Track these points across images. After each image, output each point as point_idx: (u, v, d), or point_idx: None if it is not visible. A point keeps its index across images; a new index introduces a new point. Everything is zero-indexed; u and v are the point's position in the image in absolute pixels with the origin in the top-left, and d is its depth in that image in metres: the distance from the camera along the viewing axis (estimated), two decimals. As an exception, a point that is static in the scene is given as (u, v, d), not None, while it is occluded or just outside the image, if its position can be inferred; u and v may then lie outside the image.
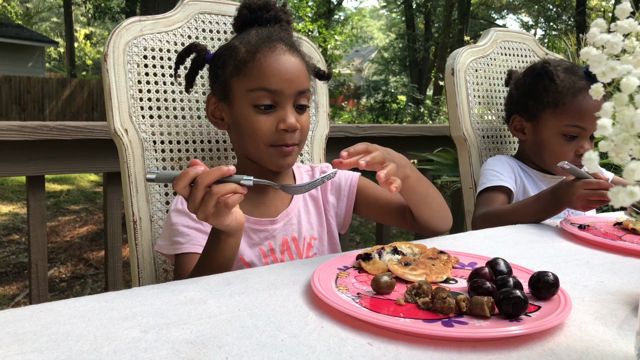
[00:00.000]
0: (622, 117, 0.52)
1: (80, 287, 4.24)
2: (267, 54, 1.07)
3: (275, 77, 1.06)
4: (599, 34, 0.58)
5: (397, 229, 5.60)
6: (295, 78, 1.08)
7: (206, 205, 0.82)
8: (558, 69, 1.54)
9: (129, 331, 0.62)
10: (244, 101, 1.08)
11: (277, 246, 1.14)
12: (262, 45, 1.08)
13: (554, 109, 1.51)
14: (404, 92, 16.11)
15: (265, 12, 1.16)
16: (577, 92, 1.48)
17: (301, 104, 1.10)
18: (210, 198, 0.82)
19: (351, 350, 0.59)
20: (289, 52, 1.10)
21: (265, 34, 1.11)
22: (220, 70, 1.12)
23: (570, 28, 16.58)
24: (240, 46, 1.10)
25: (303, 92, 1.10)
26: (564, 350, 0.60)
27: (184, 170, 0.82)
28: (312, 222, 1.20)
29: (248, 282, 0.79)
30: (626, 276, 0.89)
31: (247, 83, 1.07)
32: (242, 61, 1.08)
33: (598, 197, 1.19)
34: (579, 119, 1.47)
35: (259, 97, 1.06)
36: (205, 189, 0.82)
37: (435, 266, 0.85)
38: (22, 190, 7.43)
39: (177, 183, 0.82)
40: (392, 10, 25.32)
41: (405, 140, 2.66)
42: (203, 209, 0.82)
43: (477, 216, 1.45)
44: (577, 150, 1.49)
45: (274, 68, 1.07)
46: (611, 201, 0.50)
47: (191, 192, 0.82)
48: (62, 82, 14.62)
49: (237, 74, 1.09)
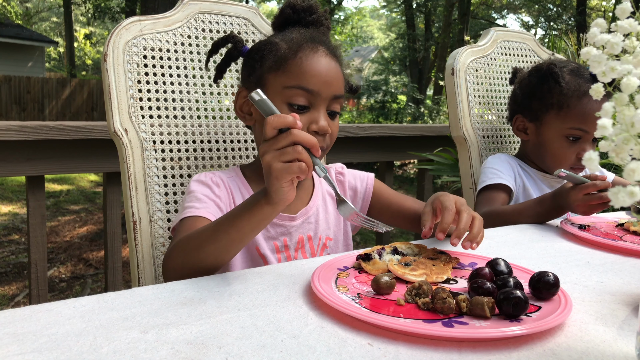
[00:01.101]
0: (622, 117, 0.52)
1: (80, 288, 4.24)
2: (309, 54, 1.07)
3: (314, 78, 1.06)
4: (599, 34, 0.58)
5: (397, 229, 5.60)
6: (334, 82, 1.08)
7: (284, 155, 0.77)
8: (564, 71, 1.53)
9: (128, 331, 0.61)
10: (278, 98, 1.07)
11: (292, 243, 1.13)
12: (305, 45, 1.08)
13: (558, 110, 1.51)
14: (404, 92, 16.10)
15: (309, 15, 1.16)
16: (582, 95, 1.47)
17: (333, 110, 1.10)
18: (292, 152, 0.77)
19: (351, 350, 0.59)
20: (330, 56, 1.10)
21: (308, 34, 1.11)
22: (257, 64, 1.11)
23: (570, 28, 16.57)
24: (281, 43, 1.09)
25: (338, 97, 1.09)
26: (564, 350, 0.60)
27: (286, 115, 0.79)
28: (329, 222, 1.20)
29: (248, 282, 0.79)
30: (626, 276, 0.89)
31: (285, 80, 1.06)
32: (283, 57, 1.07)
33: (598, 200, 1.19)
34: (583, 122, 1.47)
35: (295, 95, 1.05)
36: (293, 142, 0.78)
37: (436, 266, 0.85)
38: (21, 190, 7.43)
39: (273, 119, 0.78)
40: (392, 10, 25.31)
41: (405, 140, 2.66)
42: (279, 156, 0.78)
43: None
44: (579, 153, 1.48)
45: (314, 68, 1.06)
46: (611, 201, 0.50)
47: (277, 137, 0.78)
48: (61, 82, 14.62)
49: (275, 69, 1.08)
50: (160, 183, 1.21)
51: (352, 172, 1.28)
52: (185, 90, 1.28)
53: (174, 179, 1.23)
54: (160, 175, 1.21)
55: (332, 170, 1.27)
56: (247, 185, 1.15)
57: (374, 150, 2.53)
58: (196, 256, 0.86)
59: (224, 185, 1.12)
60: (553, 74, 1.53)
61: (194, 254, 0.86)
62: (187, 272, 0.85)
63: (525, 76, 1.63)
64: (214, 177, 1.11)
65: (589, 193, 1.20)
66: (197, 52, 1.31)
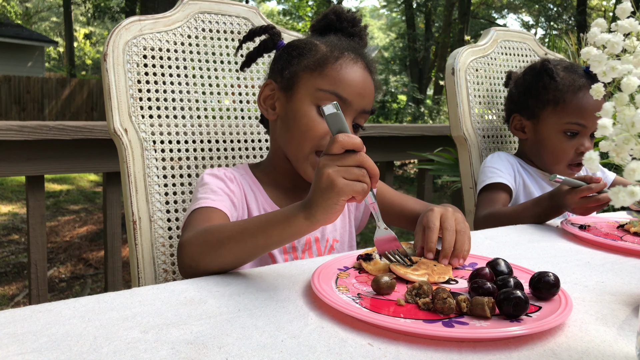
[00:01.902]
0: (622, 117, 0.52)
1: (80, 288, 4.24)
2: (349, 63, 1.07)
3: (351, 87, 1.05)
4: (600, 34, 0.58)
5: (397, 229, 5.60)
6: (367, 96, 1.08)
7: (349, 173, 0.75)
8: (558, 67, 1.54)
9: (128, 332, 0.61)
10: (308, 98, 1.06)
11: (300, 245, 1.13)
12: (347, 53, 1.08)
13: (555, 106, 1.51)
14: (405, 91, 16.11)
15: (351, 26, 1.16)
16: (577, 90, 1.48)
17: (358, 123, 1.10)
18: (358, 172, 0.76)
19: (351, 350, 0.59)
20: (368, 72, 1.10)
21: (351, 45, 1.11)
22: (295, 60, 1.10)
23: (570, 27, 16.57)
24: (323, 45, 1.10)
25: (366, 112, 1.10)
26: (564, 350, 0.60)
27: (356, 137, 0.77)
28: (336, 224, 1.20)
29: (248, 282, 0.79)
30: (627, 276, 0.89)
31: (321, 82, 1.06)
32: (323, 59, 1.07)
33: (594, 202, 1.19)
34: (580, 117, 1.47)
35: (327, 99, 1.04)
36: (359, 164, 0.76)
37: (437, 267, 0.85)
38: (21, 190, 7.43)
39: (345, 138, 0.75)
40: (393, 9, 25.31)
41: (405, 140, 2.66)
42: (343, 172, 0.75)
43: (479, 218, 1.45)
44: (578, 148, 1.49)
45: (352, 78, 1.06)
46: (611, 201, 0.50)
47: (344, 154, 0.76)
48: (61, 81, 14.62)
49: (312, 69, 1.07)
50: (160, 183, 1.21)
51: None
52: (185, 90, 1.28)
53: (174, 179, 1.23)
54: (160, 175, 1.21)
55: None
56: (258, 185, 1.15)
57: (374, 150, 2.53)
58: (218, 251, 0.84)
59: (237, 182, 1.12)
60: (547, 70, 1.54)
61: (216, 248, 0.84)
62: (204, 264, 0.84)
63: (520, 76, 1.64)
64: (227, 173, 1.11)
65: (585, 196, 1.20)
66: (197, 52, 1.31)
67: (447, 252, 0.89)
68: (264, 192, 1.14)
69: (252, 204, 1.12)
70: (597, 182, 1.21)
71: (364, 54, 1.12)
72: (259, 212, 1.12)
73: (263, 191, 1.14)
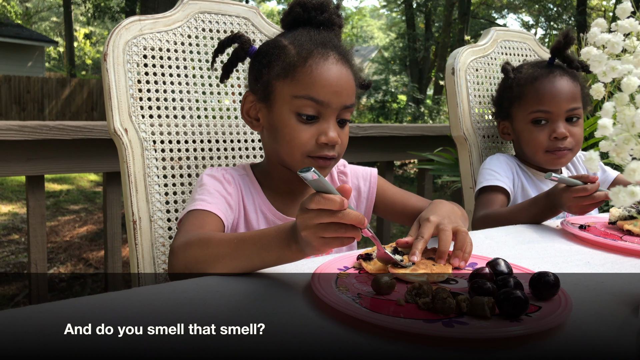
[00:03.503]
0: (622, 117, 0.52)
1: (80, 287, 4.23)
2: (319, 61, 1.02)
3: (325, 88, 1.02)
4: (600, 34, 0.58)
5: (398, 229, 5.60)
6: (344, 91, 1.04)
7: (327, 231, 0.71)
8: (523, 67, 1.61)
9: (128, 332, 0.61)
10: (286, 107, 1.03)
11: None
12: (315, 51, 1.03)
13: (519, 101, 1.57)
14: (404, 91, 16.10)
15: (320, 14, 1.09)
16: (534, 80, 1.54)
17: (344, 118, 1.07)
18: (337, 231, 0.71)
19: (351, 350, 0.59)
20: (341, 63, 1.05)
21: (319, 38, 1.06)
22: (265, 69, 1.06)
23: (571, 28, 16.58)
24: (290, 47, 1.05)
25: (348, 107, 1.06)
26: (564, 350, 0.60)
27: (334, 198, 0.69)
28: None
29: (248, 283, 0.79)
30: (627, 276, 0.89)
31: (294, 89, 1.02)
32: (292, 64, 1.03)
33: (590, 201, 1.19)
34: (540, 104, 1.52)
35: (303, 105, 1.02)
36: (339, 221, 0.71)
37: (436, 266, 0.85)
38: (21, 190, 7.43)
39: (320, 200, 0.69)
40: (392, 9, 25.30)
41: (405, 140, 2.66)
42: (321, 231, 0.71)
43: (476, 219, 1.46)
44: (551, 134, 1.51)
45: (324, 78, 1.02)
46: (612, 201, 0.50)
47: (320, 213, 0.71)
48: (61, 81, 14.61)
49: (283, 76, 1.04)
50: (160, 183, 1.21)
51: (354, 171, 1.26)
52: (185, 90, 1.28)
53: (174, 178, 1.23)
54: (160, 175, 1.21)
55: (334, 168, 1.26)
56: (257, 186, 1.15)
57: (374, 150, 2.53)
58: (214, 265, 0.83)
59: (235, 183, 1.12)
60: (504, 71, 1.63)
61: (213, 262, 0.83)
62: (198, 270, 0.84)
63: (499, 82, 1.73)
64: (225, 174, 1.11)
65: (580, 195, 1.20)
66: (197, 52, 1.31)
67: (442, 254, 0.88)
68: (262, 194, 1.14)
69: (249, 206, 1.12)
70: (593, 181, 1.21)
71: (335, 45, 1.07)
72: (255, 214, 1.13)
73: (261, 192, 1.14)
